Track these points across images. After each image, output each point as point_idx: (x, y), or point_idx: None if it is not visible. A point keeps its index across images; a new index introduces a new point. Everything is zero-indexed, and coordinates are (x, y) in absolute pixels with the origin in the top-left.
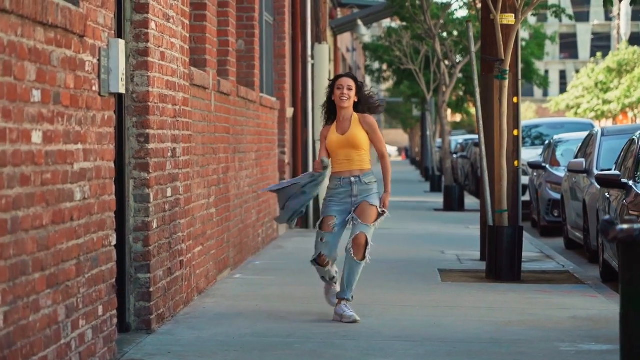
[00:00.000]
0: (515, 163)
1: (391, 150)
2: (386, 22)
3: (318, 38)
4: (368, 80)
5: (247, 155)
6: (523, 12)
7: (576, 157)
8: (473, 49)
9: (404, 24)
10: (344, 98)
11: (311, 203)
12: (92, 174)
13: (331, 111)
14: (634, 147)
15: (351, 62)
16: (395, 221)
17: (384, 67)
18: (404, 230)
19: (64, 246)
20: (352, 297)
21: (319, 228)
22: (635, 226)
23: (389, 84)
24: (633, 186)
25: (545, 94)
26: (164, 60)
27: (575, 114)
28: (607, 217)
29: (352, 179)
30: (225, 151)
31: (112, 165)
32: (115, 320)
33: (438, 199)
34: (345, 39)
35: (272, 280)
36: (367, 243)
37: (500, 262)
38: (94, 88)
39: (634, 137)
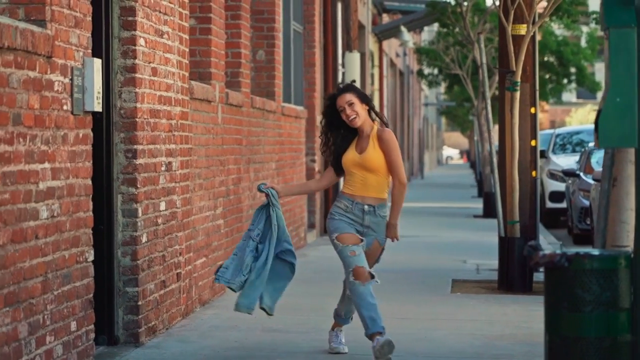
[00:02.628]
0: (533, 173)
1: (453, 153)
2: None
3: (349, 46)
4: (423, 85)
5: (265, 165)
6: (535, 22)
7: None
8: (484, 60)
9: (445, 30)
10: (352, 118)
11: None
12: (63, 192)
13: (333, 128)
14: None
15: (402, 66)
16: (428, 228)
17: (435, 71)
18: (433, 238)
19: (26, 264)
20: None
21: (338, 241)
22: (557, 251)
23: (443, 87)
24: None
25: None
26: (156, 76)
27: None
28: (531, 242)
29: (366, 207)
30: (236, 162)
31: (89, 182)
32: (92, 335)
33: (481, 205)
34: (394, 43)
35: None
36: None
37: (512, 273)
38: (65, 107)
39: None
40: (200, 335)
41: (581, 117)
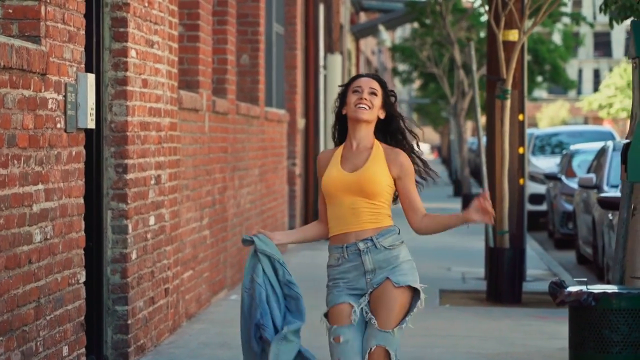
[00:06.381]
0: (521, 181)
1: (424, 148)
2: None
3: (330, 48)
4: (396, 82)
5: (249, 172)
6: (526, 29)
7: (589, 171)
8: (474, 67)
9: (424, 29)
10: (363, 106)
11: None
12: (56, 213)
13: (342, 132)
14: None
15: (377, 64)
16: (405, 232)
17: (409, 68)
18: (412, 242)
19: (19, 291)
20: None
21: (327, 321)
22: (584, 289)
23: (417, 84)
24: None
25: (579, 92)
26: (146, 88)
27: (607, 113)
28: (555, 279)
29: (361, 245)
30: (221, 171)
31: (81, 201)
32: (83, 359)
33: (459, 205)
34: (371, 41)
35: None
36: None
37: (501, 284)
38: (58, 125)
39: None
40: (190, 353)
41: (552, 113)
